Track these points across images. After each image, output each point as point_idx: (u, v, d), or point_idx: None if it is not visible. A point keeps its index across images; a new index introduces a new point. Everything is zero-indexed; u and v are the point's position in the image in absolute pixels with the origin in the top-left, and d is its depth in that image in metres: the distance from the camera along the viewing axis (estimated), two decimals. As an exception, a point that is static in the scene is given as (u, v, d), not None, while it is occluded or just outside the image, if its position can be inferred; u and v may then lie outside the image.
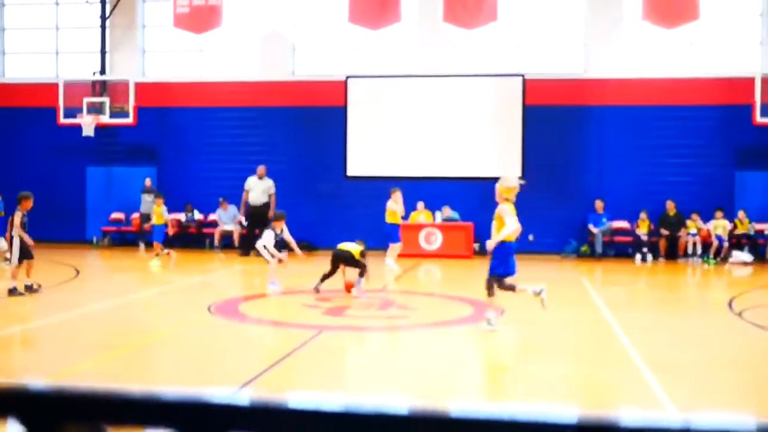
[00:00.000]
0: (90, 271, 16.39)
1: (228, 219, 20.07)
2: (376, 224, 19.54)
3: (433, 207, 19.68)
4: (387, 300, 12.28)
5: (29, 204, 12.08)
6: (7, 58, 22.59)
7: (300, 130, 20.75)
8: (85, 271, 15.70)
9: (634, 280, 16.47)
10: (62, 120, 20.54)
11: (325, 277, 12.61)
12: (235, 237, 19.87)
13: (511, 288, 9.62)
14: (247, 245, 19.25)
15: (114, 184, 21.26)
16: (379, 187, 19.83)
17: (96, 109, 20.39)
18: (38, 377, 7.30)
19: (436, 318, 10.89)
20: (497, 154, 19.84)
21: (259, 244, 13.08)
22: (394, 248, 16.59)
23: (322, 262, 18.38)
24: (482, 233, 19.30)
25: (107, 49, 21.40)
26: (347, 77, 20.46)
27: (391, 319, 10.77)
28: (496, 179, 19.42)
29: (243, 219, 19.69)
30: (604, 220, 19.06)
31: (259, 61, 21.04)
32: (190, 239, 20.70)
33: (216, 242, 20.03)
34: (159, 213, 17.12)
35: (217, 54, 21.50)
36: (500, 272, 9.55)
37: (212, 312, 10.88)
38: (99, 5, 21.38)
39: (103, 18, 21.30)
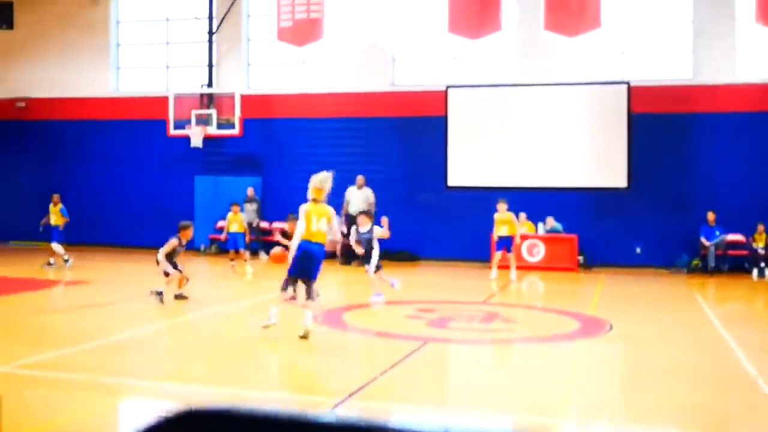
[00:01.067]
0: (198, 278, 16.81)
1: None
2: (477, 234, 19.43)
3: (535, 218, 19.37)
4: (491, 312, 12.14)
5: (189, 233, 12.58)
6: (121, 72, 23.53)
7: (400, 140, 20.81)
8: (194, 279, 16.12)
9: (752, 296, 15.75)
10: (172, 131, 21.24)
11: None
12: (337, 247, 20.03)
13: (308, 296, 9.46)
14: (347, 255, 19.43)
15: (220, 193, 21.80)
16: (481, 197, 19.71)
17: (204, 121, 21.01)
18: (152, 379, 7.52)
19: (541, 332, 10.69)
20: (602, 164, 19.38)
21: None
22: (497, 257, 16.54)
23: (424, 272, 18.44)
24: (587, 245, 18.91)
25: (214, 62, 22.03)
26: (447, 87, 20.40)
27: (496, 332, 10.63)
28: (601, 190, 19.18)
29: (344, 229, 19.85)
30: (717, 233, 18.28)
31: (360, 72, 21.24)
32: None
33: (318, 251, 20.23)
34: (239, 221, 17.58)
35: (318, 66, 21.82)
36: (289, 271, 9.41)
37: (316, 320, 10.98)
38: (207, 21, 22.05)
39: (210, 33, 21.94)
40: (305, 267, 9.34)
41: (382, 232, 13.20)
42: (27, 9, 23.18)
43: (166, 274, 12.36)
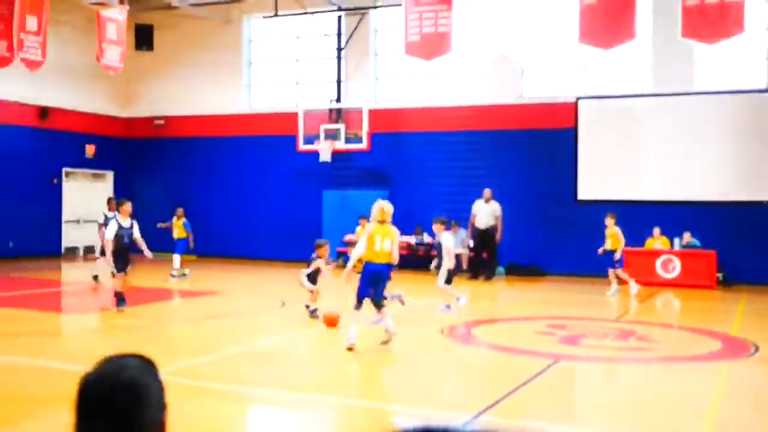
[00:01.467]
0: (326, 292, 16.99)
1: (457, 242, 20.11)
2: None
3: (671, 233, 18.60)
4: (625, 330, 11.69)
5: (323, 251, 12.72)
6: (253, 90, 24.26)
7: (529, 153, 20.46)
8: (323, 291, 16.31)
9: None
10: (301, 146, 21.70)
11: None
12: (463, 260, 19.88)
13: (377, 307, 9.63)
14: (475, 268, 19.29)
15: (347, 207, 22.08)
16: (613, 211, 19.17)
17: (332, 136, 21.35)
18: (284, 388, 7.60)
19: (680, 352, 10.19)
20: (744, 177, 18.40)
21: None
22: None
23: (552, 287, 17.99)
24: (727, 262, 17.98)
25: (342, 78, 22.38)
26: (577, 98, 19.95)
27: (631, 351, 10.21)
28: (742, 204, 18.21)
29: (470, 242, 19.71)
30: None
31: (488, 85, 21.05)
32: (419, 262, 20.99)
33: (444, 265, 20.11)
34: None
35: (446, 79, 21.78)
36: (359, 293, 9.54)
37: (445, 334, 10.88)
38: (335, 37, 22.45)
39: (339, 49, 22.32)
40: (372, 286, 9.53)
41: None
42: (166, 31, 24.29)
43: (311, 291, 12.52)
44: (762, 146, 18.27)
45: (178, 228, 18.46)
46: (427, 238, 20.98)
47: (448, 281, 12.92)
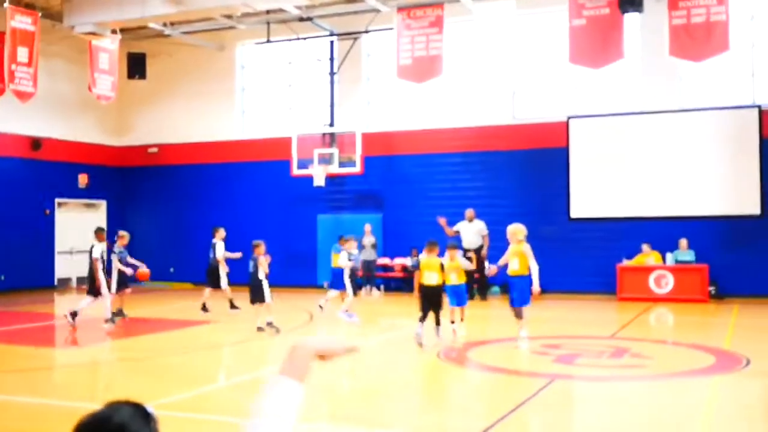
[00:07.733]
0: (322, 316, 17.07)
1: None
2: (601, 266, 19.07)
3: (662, 248, 18.75)
4: (619, 348, 11.80)
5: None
6: (246, 116, 24.41)
7: (522, 173, 20.63)
8: (318, 316, 16.39)
9: None
10: (295, 171, 21.82)
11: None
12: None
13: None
14: (483, 289, 19.41)
15: (342, 230, 22.13)
16: (605, 228, 19.39)
17: (326, 160, 21.49)
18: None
19: (674, 368, 10.29)
20: (733, 191, 18.60)
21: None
22: None
23: (547, 306, 18.08)
24: (719, 275, 18.13)
25: (335, 102, 22.57)
26: (569, 118, 20.15)
27: (626, 368, 10.32)
28: (732, 218, 18.38)
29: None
30: None
31: (480, 106, 21.25)
32: (412, 283, 21.10)
33: (439, 286, 20.22)
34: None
35: (438, 101, 21.97)
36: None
37: (441, 358, 10.97)
38: (328, 62, 22.65)
39: (332, 74, 22.51)
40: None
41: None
42: (158, 59, 24.43)
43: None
44: (749, 161, 18.48)
45: None
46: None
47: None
